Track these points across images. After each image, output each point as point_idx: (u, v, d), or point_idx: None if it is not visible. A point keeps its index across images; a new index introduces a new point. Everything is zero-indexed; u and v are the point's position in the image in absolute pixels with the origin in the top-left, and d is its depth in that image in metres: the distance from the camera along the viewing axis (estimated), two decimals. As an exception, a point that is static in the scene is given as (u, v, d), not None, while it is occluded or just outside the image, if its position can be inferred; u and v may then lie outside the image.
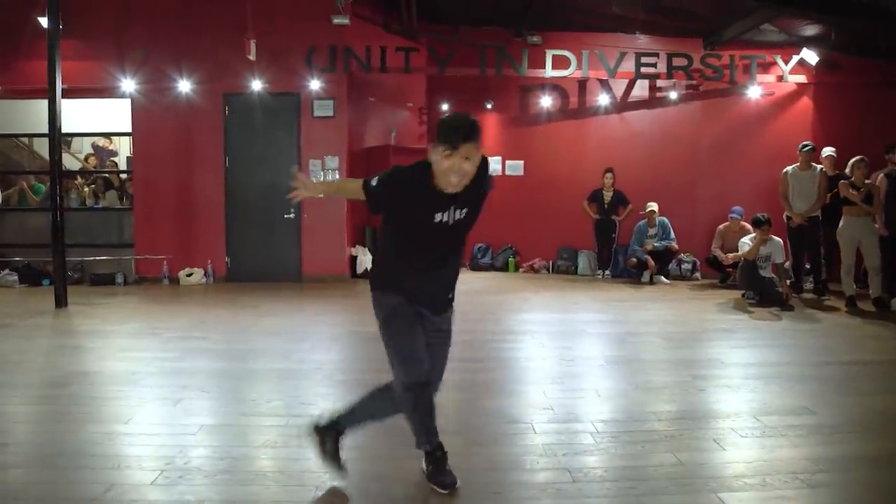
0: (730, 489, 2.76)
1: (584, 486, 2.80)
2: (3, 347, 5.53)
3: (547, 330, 6.32)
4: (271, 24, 8.76)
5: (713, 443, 3.30)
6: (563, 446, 3.25)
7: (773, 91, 9.47)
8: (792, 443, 3.28)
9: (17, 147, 11.25)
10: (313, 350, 5.42)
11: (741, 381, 4.42)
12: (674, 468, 2.98)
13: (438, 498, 2.72)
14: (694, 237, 9.59)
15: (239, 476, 2.93)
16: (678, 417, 3.70)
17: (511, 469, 3.00)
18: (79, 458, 3.11)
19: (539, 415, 3.70)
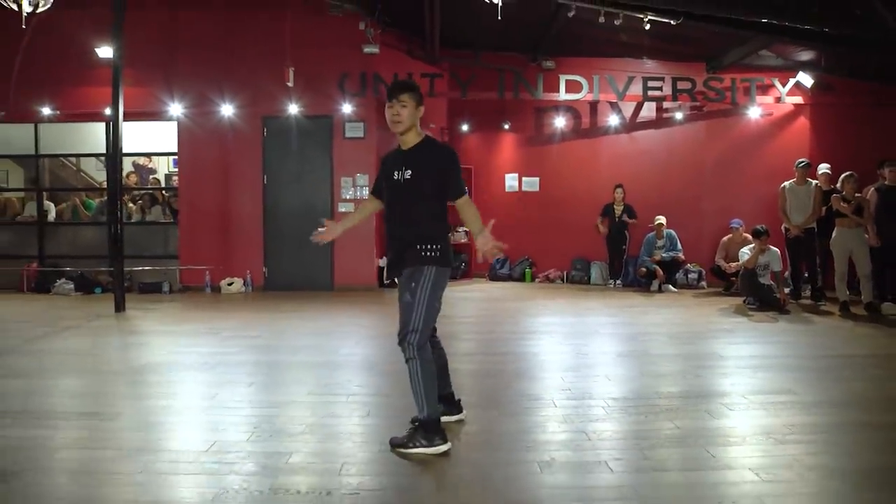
0: (715, 445, 3.40)
1: (597, 443, 3.44)
2: (80, 344, 6.27)
3: (563, 330, 6.97)
4: (307, 52, 9.55)
5: (706, 413, 3.93)
6: (580, 416, 3.90)
7: (771, 112, 10.13)
8: (772, 414, 3.91)
9: (63, 166, 12.13)
10: (356, 346, 6.10)
11: (735, 370, 5.06)
12: (671, 431, 3.62)
13: (481, 453, 3.37)
14: (700, 248, 10.21)
15: (317, 436, 3.61)
16: (677, 396, 4.33)
17: (538, 432, 3.66)
18: (179, 424, 3.81)
19: (558, 394, 4.36)
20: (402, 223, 3.40)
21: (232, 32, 9.82)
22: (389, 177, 3.42)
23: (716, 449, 3.34)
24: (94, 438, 3.53)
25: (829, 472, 3.05)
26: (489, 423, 3.74)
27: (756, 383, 4.65)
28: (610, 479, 2.97)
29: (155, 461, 3.17)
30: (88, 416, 3.93)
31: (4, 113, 10.20)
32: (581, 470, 3.09)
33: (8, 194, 11.27)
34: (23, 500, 2.77)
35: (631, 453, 3.30)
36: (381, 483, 2.95)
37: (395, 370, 4.54)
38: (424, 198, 3.35)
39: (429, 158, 3.37)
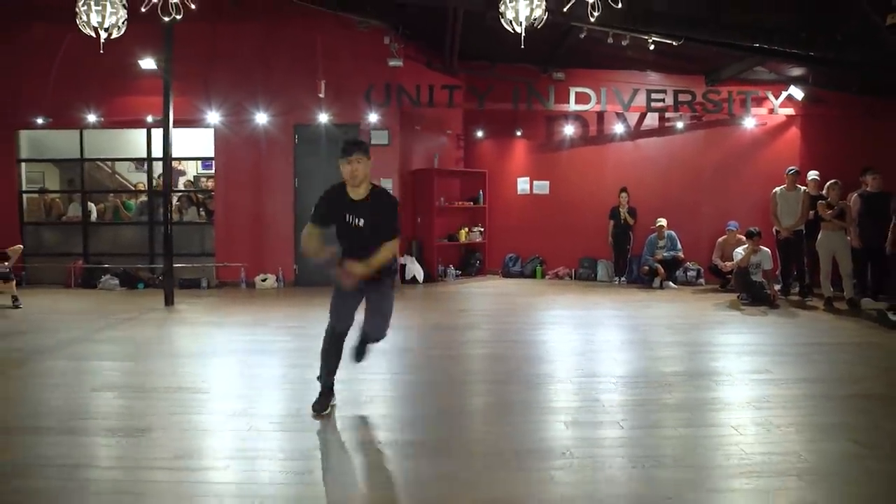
0: (701, 410, 4.20)
1: (608, 408, 4.24)
2: (146, 333, 7.07)
3: (572, 322, 7.77)
4: (336, 65, 10.34)
5: (694, 387, 4.73)
6: (592, 389, 4.69)
7: (765, 122, 10.89)
8: (750, 387, 4.71)
9: (98, 168, 12.90)
10: (392, 337, 6.87)
11: (724, 354, 5.86)
12: (668, 399, 4.42)
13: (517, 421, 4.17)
14: (698, 248, 10.97)
15: (386, 403, 4.41)
16: (674, 375, 5.12)
17: (557, 401, 4.45)
18: (264, 396, 4.61)
19: (570, 372, 5.15)
20: (360, 256, 3.96)
21: (267, 46, 10.60)
22: (342, 218, 4.02)
23: (704, 413, 4.14)
24: (197, 406, 4.33)
25: (793, 429, 3.85)
26: (515, 395, 4.54)
27: (741, 365, 5.45)
28: (620, 433, 3.76)
29: (257, 422, 3.97)
30: (185, 390, 4.72)
31: (52, 119, 11.02)
32: (596, 427, 3.88)
33: (52, 195, 12.04)
34: (158, 448, 3.56)
35: (636, 416, 4.09)
36: (438, 434, 3.75)
37: (433, 355, 5.33)
38: (374, 239, 3.98)
39: (376, 210, 3.98)
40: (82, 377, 5.15)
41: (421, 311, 8.62)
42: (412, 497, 3.00)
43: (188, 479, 3.16)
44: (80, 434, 3.75)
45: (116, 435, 3.72)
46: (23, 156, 11.41)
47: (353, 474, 3.30)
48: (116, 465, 3.32)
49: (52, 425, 3.89)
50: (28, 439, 3.67)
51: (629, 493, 3.03)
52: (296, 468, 3.28)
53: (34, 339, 6.54)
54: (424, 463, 3.36)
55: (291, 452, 3.50)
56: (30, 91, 10.81)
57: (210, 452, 3.50)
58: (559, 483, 3.12)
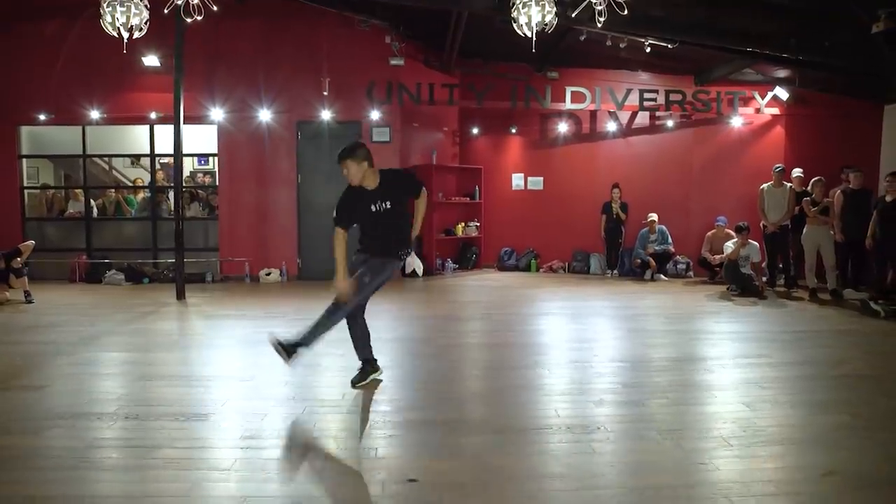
0: (713, 390, 4.59)
1: (630, 389, 4.61)
2: (167, 325, 7.30)
3: (574, 312, 8.15)
4: (338, 63, 10.59)
5: (702, 370, 5.12)
6: (610, 372, 5.06)
7: (751, 121, 11.38)
8: (752, 370, 5.13)
9: (93, 163, 12.96)
10: (400, 328, 7.21)
11: (722, 341, 6.29)
12: (681, 380, 4.80)
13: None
14: (688, 242, 11.44)
15: (409, 387, 4.74)
16: (681, 359, 5.52)
17: (564, 383, 4.82)
18: (306, 384, 4.91)
19: (587, 357, 5.52)
20: (388, 233, 4.51)
21: (270, 43, 10.80)
22: (367, 209, 4.44)
23: (717, 392, 4.55)
24: (245, 394, 4.62)
25: (795, 404, 4.28)
26: (544, 378, 4.90)
27: (740, 350, 5.89)
28: (646, 410, 4.14)
29: (308, 406, 4.27)
30: (227, 378, 5.01)
31: (54, 115, 11.11)
32: (623, 405, 4.25)
33: (55, 191, 12.12)
34: (220, 431, 3.85)
35: (656, 395, 4.48)
36: (480, 413, 4.09)
37: (447, 345, 5.65)
38: (403, 215, 4.56)
39: (393, 186, 4.49)
40: (127, 367, 5.40)
41: (427, 303, 8.95)
42: (483, 467, 3.33)
43: (260, 454, 3.46)
44: (146, 419, 4.02)
45: (181, 419, 4.00)
46: (23, 151, 11.48)
47: (417, 449, 3.61)
48: (191, 446, 3.60)
49: (117, 411, 4.15)
50: (97, 423, 3.93)
51: (666, 460, 3.39)
52: (351, 445, 3.61)
53: (63, 333, 6.72)
54: (475, 440, 3.70)
55: (352, 431, 3.82)
56: (32, 87, 10.90)
57: (276, 432, 3.80)
58: (601, 453, 3.48)
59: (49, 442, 3.68)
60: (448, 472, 3.27)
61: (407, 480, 3.14)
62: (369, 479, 3.18)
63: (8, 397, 4.53)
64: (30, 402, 4.39)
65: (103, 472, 3.30)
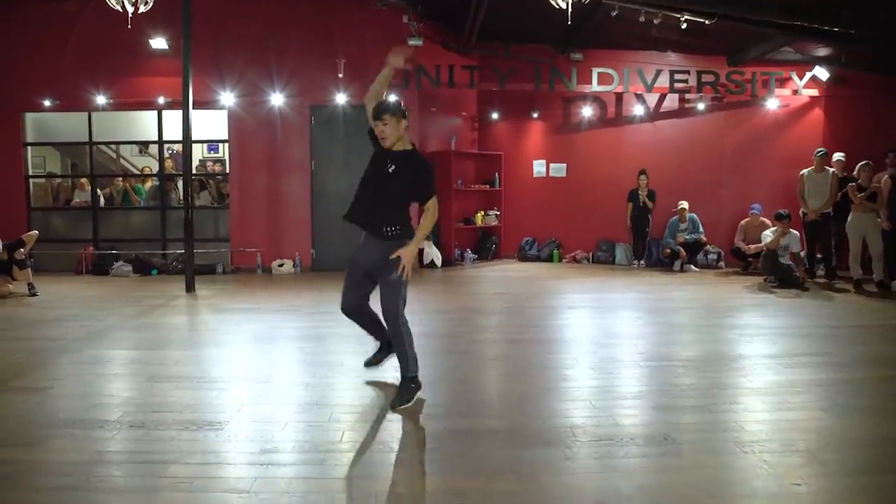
0: (783, 394, 4.11)
1: (689, 392, 4.14)
2: (176, 321, 6.89)
3: (598, 305, 7.68)
4: (352, 44, 10.11)
5: (765, 369, 4.64)
6: (663, 372, 4.59)
7: (788, 103, 10.82)
8: (818, 370, 4.64)
9: (100, 151, 12.54)
10: (421, 323, 6.76)
11: (772, 337, 5.79)
12: (746, 382, 4.33)
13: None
14: (718, 231, 10.93)
15: (448, 386, 4.29)
16: (739, 357, 5.04)
17: (634, 385, 4.36)
18: (329, 385, 4.47)
19: (633, 356, 5.05)
20: (380, 206, 4.00)
21: (281, 25, 10.32)
22: (380, 161, 4.03)
23: (787, 396, 4.08)
24: (262, 398, 4.17)
25: (871, 411, 3.81)
26: (588, 380, 4.44)
27: (796, 347, 5.40)
28: (714, 418, 3.67)
29: (333, 413, 3.83)
30: (244, 379, 4.57)
31: (59, 102, 10.69)
32: (685, 411, 3.78)
33: (60, 180, 11.72)
34: (236, 444, 3.41)
35: (722, 400, 4.00)
36: (526, 420, 3.64)
37: (462, 337, 5.20)
38: (397, 198, 3.99)
39: (409, 167, 3.98)
40: (134, 366, 4.98)
41: (447, 295, 8.50)
42: (543, 489, 2.88)
43: (282, 473, 3.02)
44: (154, 427, 3.59)
45: (192, 428, 3.57)
46: (28, 139, 11.07)
47: (464, 466, 3.16)
48: (205, 462, 3.17)
49: (121, 418, 3.72)
50: (99, 433, 3.51)
51: (752, 479, 2.92)
52: (386, 459, 3.16)
53: (68, 328, 6.33)
54: (528, 453, 3.24)
55: (385, 442, 3.38)
56: (36, 72, 10.49)
57: (299, 446, 3.36)
58: (675, 469, 3.02)
59: (48, 455, 3.26)
60: (505, 494, 2.82)
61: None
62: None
63: (8, 401, 4.12)
64: (31, 407, 3.98)
65: (105, 493, 2.87)
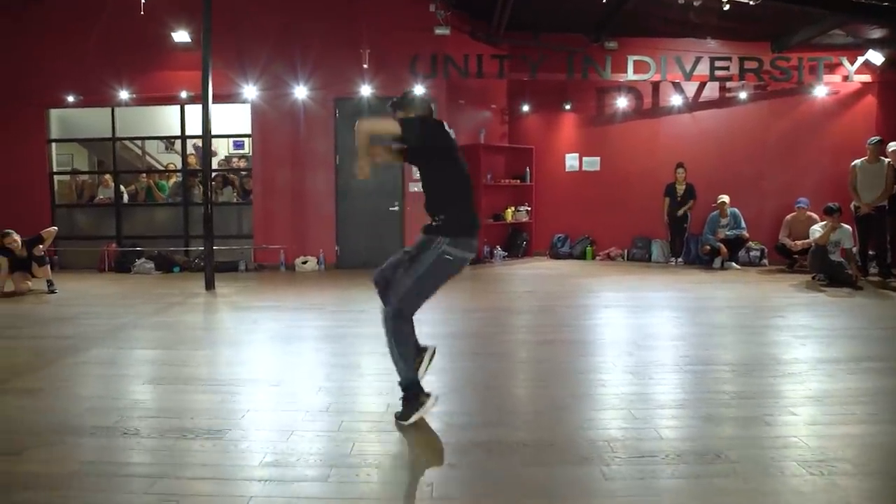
0: (854, 403, 3.65)
1: (739, 401, 3.70)
2: (193, 319, 6.63)
3: (634, 304, 7.20)
4: (378, 35, 9.78)
5: (825, 376, 4.17)
6: (709, 378, 4.15)
7: (837, 90, 10.20)
8: (878, 378, 4.15)
9: (127, 149, 12.44)
10: (447, 323, 6.39)
11: (834, 339, 5.27)
12: (803, 390, 3.87)
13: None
14: (761, 226, 10.35)
15: (478, 395, 3.91)
16: (795, 362, 4.56)
17: (656, 392, 3.93)
18: (345, 390, 4.13)
19: (676, 360, 4.61)
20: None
21: (305, 16, 10.05)
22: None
23: (859, 406, 3.61)
24: (271, 403, 3.85)
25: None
26: (626, 386, 4.03)
27: (857, 351, 4.88)
28: (773, 432, 3.23)
29: (345, 421, 3.48)
30: (252, 382, 4.25)
31: (82, 97, 10.57)
32: (739, 423, 3.35)
33: (84, 177, 11.63)
34: (235, 455, 3.08)
35: (778, 410, 3.56)
36: (559, 432, 3.24)
37: (490, 339, 4.82)
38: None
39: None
40: (139, 367, 4.70)
41: (476, 293, 8.10)
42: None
43: (283, 491, 2.68)
44: (148, 435, 3.29)
45: (189, 436, 3.26)
46: (53, 136, 10.99)
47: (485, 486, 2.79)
48: (200, 476, 2.84)
49: (116, 424, 3.43)
50: (88, 440, 3.22)
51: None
52: (398, 478, 2.80)
53: (81, 326, 6.13)
54: (561, 472, 2.85)
55: (399, 457, 3.01)
56: (59, 68, 10.39)
57: (303, 458, 3.01)
58: (733, 494, 2.60)
59: (30, 467, 2.97)
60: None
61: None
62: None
63: (1, 403, 3.86)
64: (24, 411, 3.71)
65: (84, 511, 2.56)
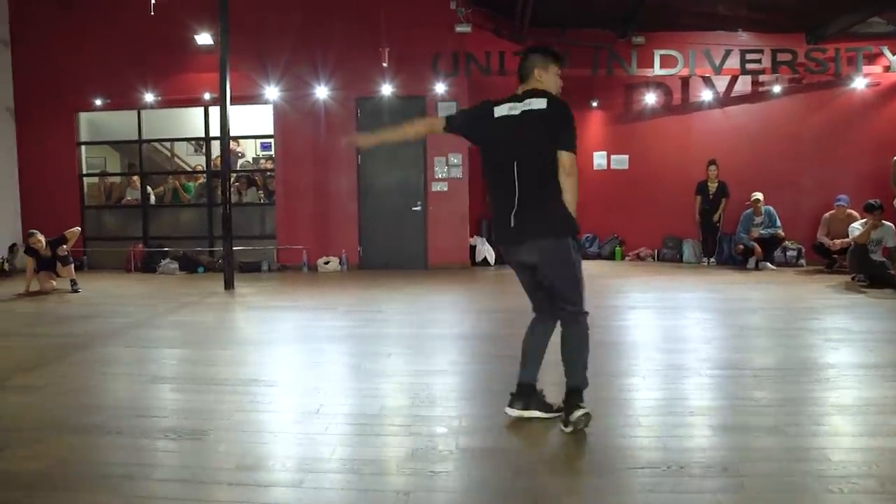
0: (888, 413, 3.35)
1: (761, 408, 3.44)
2: (204, 319, 6.56)
3: (664, 305, 6.91)
4: (399, 33, 9.66)
5: (860, 383, 3.86)
6: (733, 384, 3.89)
7: (878, 82, 9.72)
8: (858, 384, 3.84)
9: (156, 150, 12.56)
10: (466, 323, 6.20)
11: (875, 343, 4.92)
12: (834, 397, 3.58)
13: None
14: (798, 225, 9.92)
15: (478, 400, 3.72)
16: (828, 367, 4.25)
17: (695, 399, 3.68)
18: (340, 391, 3.98)
19: (699, 363, 4.35)
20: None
21: (325, 16, 10.00)
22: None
23: (889, 416, 3.31)
24: (265, 403, 3.72)
25: None
26: (642, 391, 3.79)
27: (881, 357, 4.54)
28: (789, 443, 2.97)
29: (332, 423, 3.33)
30: (249, 382, 4.12)
31: (109, 100, 10.71)
32: (754, 433, 3.10)
33: (112, 178, 11.78)
34: (213, 456, 2.96)
35: (803, 419, 3.29)
36: (567, 441, 3.04)
37: (510, 340, 4.61)
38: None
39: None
40: (140, 366, 4.63)
41: (499, 294, 7.90)
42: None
43: (251, 497, 2.54)
44: (131, 435, 3.19)
45: (171, 437, 3.14)
46: (82, 138, 11.15)
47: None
48: (171, 478, 2.73)
49: (103, 423, 3.34)
50: (72, 438, 3.13)
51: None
52: (388, 485, 2.63)
53: (94, 324, 6.14)
54: (555, 481, 2.65)
55: (380, 463, 2.85)
56: (87, 72, 10.53)
57: (280, 462, 2.87)
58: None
59: (9, 465, 2.89)
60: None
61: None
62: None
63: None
64: (15, 407, 3.67)
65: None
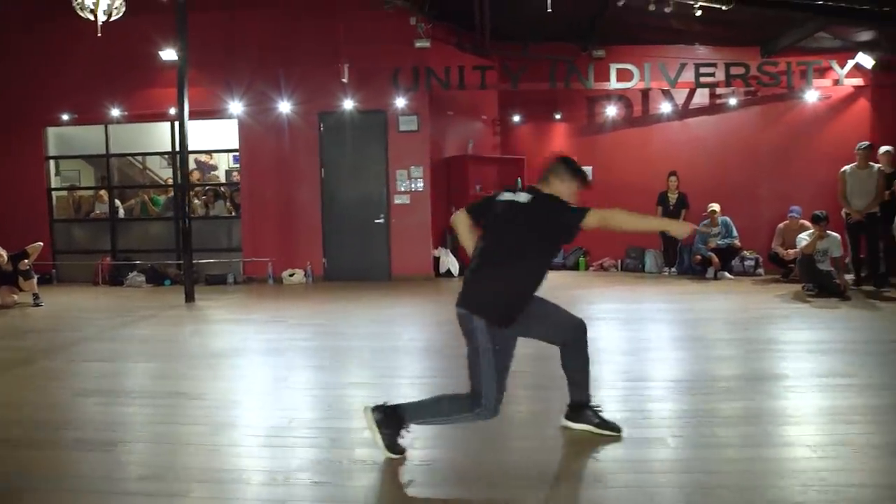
0: (768, 424, 3.48)
1: (656, 420, 3.57)
2: (157, 332, 6.67)
3: (621, 317, 7.02)
4: (360, 49, 9.78)
5: (759, 394, 4.00)
6: (638, 396, 4.02)
7: (829, 95, 9.92)
8: (828, 395, 3.97)
9: (130, 164, 12.67)
10: (419, 332, 6.33)
11: (792, 354, 5.08)
12: (728, 409, 3.72)
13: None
14: (756, 235, 10.07)
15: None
16: (734, 378, 4.40)
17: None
18: (259, 404, 4.09)
19: (616, 376, 4.48)
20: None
21: (288, 32, 10.12)
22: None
23: (773, 427, 3.44)
24: (183, 415, 3.83)
25: (889, 451, 3.11)
26: (553, 402, 3.92)
27: (815, 367, 4.68)
28: (669, 454, 3.10)
29: (243, 435, 3.44)
30: (175, 395, 4.24)
31: (77, 115, 10.80)
32: (641, 445, 3.22)
33: (82, 192, 11.86)
34: (116, 467, 3.06)
35: (689, 430, 3.42)
36: (448, 454, 3.15)
37: (456, 354, 4.73)
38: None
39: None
40: (72, 380, 4.72)
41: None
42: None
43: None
44: (41, 447, 3.29)
45: (82, 448, 3.25)
46: (52, 153, 11.24)
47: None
48: (70, 488, 2.83)
49: (20, 438, 3.44)
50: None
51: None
52: (275, 495, 2.74)
53: (44, 338, 6.25)
54: (447, 490, 2.77)
55: (274, 474, 2.96)
56: (55, 88, 10.60)
57: (180, 472, 2.98)
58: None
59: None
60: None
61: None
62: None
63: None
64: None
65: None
